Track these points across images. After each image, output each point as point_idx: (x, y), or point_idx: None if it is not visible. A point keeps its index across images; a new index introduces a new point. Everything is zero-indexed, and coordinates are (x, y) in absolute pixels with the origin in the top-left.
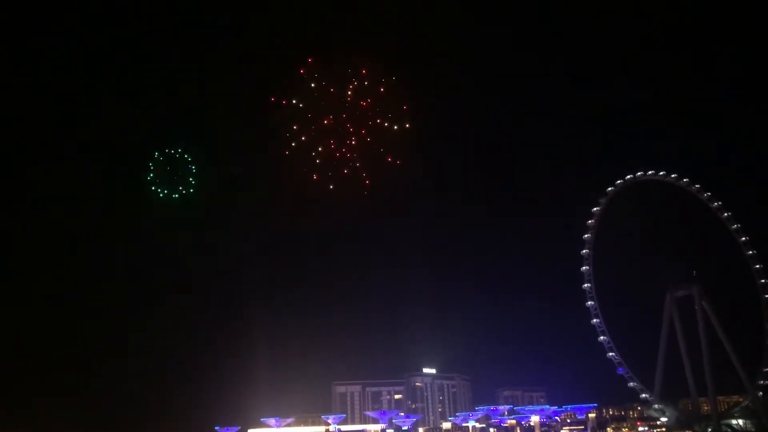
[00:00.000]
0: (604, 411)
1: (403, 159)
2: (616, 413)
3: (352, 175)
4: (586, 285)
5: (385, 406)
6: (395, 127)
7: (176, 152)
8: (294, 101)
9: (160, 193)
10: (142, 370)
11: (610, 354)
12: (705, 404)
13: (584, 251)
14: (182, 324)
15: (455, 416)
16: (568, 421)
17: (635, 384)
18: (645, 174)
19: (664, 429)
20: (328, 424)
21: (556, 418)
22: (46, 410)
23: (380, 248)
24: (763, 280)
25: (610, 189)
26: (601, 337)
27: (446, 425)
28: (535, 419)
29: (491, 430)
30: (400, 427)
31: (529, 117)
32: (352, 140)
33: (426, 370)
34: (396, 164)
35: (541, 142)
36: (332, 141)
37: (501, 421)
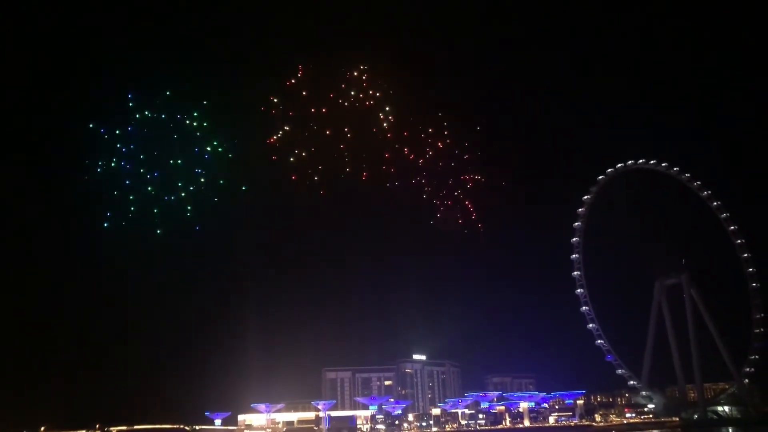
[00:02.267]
0: (592, 398)
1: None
2: (604, 400)
3: (344, 170)
4: (575, 273)
5: (375, 392)
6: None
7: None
8: (282, 107)
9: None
10: (132, 358)
11: (599, 341)
12: (692, 391)
13: (574, 239)
14: (173, 311)
15: (445, 402)
16: (557, 407)
17: (623, 371)
18: (636, 163)
19: (651, 416)
20: (318, 410)
21: (545, 404)
22: (33, 401)
23: (370, 235)
24: (751, 269)
25: (600, 177)
26: (590, 325)
27: (436, 411)
28: (524, 405)
29: (480, 416)
30: (390, 413)
31: (519, 107)
32: (346, 136)
33: (416, 357)
34: (390, 171)
35: (530, 131)
36: (320, 140)
37: (490, 408)
